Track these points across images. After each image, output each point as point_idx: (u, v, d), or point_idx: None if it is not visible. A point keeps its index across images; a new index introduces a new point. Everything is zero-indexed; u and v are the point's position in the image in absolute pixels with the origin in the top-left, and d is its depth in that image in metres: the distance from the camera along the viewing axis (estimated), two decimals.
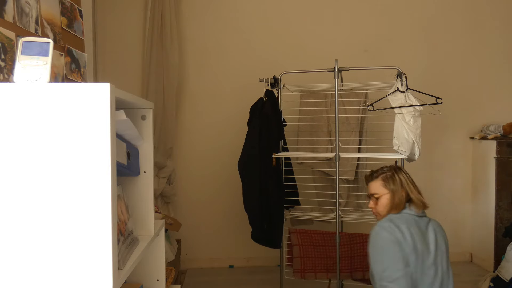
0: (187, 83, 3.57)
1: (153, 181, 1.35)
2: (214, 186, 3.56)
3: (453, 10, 3.63)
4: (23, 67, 0.88)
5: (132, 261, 1.06)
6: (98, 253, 0.84)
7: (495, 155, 3.24)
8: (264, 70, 3.02)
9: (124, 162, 1.15)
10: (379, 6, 3.59)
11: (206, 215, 3.57)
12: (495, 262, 3.20)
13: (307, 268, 2.56)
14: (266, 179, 2.52)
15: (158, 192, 3.27)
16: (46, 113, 0.84)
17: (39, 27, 1.57)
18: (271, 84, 2.68)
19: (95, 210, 0.84)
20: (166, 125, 3.35)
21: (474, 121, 3.62)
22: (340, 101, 2.77)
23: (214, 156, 3.55)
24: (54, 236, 0.84)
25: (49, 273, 0.84)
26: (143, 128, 1.34)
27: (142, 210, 1.33)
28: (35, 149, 0.84)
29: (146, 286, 1.47)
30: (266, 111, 2.57)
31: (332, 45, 3.54)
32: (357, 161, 2.87)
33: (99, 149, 0.84)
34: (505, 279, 2.71)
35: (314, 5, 3.60)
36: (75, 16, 1.89)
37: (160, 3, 3.33)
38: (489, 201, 3.32)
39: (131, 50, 3.51)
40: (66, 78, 1.73)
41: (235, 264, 3.58)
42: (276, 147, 2.63)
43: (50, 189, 0.84)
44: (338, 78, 2.42)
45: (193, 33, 3.57)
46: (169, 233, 3.02)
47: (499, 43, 3.64)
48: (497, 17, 3.64)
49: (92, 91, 0.84)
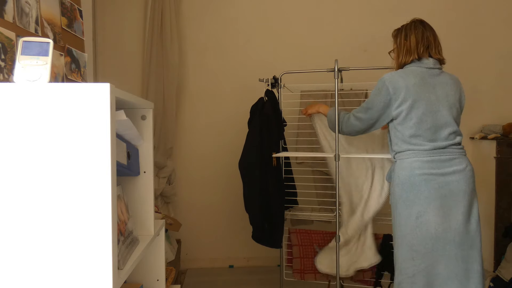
0: (187, 83, 3.57)
1: (153, 181, 1.35)
2: (214, 186, 3.56)
3: (453, 10, 3.63)
4: (23, 67, 0.88)
5: (132, 261, 1.06)
6: (98, 253, 0.84)
7: (495, 155, 3.24)
8: (264, 70, 3.02)
9: (124, 162, 1.15)
10: (379, 6, 3.59)
11: (206, 215, 3.57)
12: (495, 262, 3.20)
13: (307, 269, 2.56)
14: (267, 179, 2.52)
15: (158, 192, 3.27)
16: (46, 113, 0.84)
17: (39, 27, 1.57)
18: (271, 84, 2.68)
19: (95, 210, 0.84)
20: (166, 125, 3.35)
21: (474, 121, 3.62)
22: (340, 101, 2.77)
23: (214, 156, 3.55)
24: (54, 236, 0.84)
25: (49, 273, 0.84)
26: (143, 128, 1.34)
27: (142, 210, 1.33)
28: (35, 149, 0.84)
29: (146, 286, 1.47)
30: (266, 111, 2.57)
31: (332, 45, 3.54)
32: None
33: (99, 149, 0.84)
34: (505, 279, 2.71)
35: (314, 5, 3.60)
36: (75, 16, 1.89)
37: (160, 3, 3.33)
38: (489, 201, 3.32)
39: (131, 50, 3.51)
40: (66, 78, 1.73)
41: (235, 264, 3.58)
42: (277, 147, 2.63)
43: (50, 189, 0.84)
44: (338, 78, 2.42)
45: (193, 33, 3.57)
46: (169, 233, 3.02)
47: (499, 43, 3.64)
48: (497, 17, 3.64)
49: (92, 91, 0.84)
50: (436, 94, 1.93)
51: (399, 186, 1.92)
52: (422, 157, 1.88)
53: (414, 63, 1.98)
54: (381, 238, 2.48)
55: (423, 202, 1.85)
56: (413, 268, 1.86)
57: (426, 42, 1.97)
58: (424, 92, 1.91)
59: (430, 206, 1.84)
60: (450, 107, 1.93)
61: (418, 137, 1.90)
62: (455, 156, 1.89)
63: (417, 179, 1.87)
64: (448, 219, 1.84)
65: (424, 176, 1.86)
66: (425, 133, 1.90)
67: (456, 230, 1.83)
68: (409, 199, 1.88)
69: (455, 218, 1.84)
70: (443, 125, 1.91)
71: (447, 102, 1.93)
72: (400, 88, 1.91)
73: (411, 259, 1.87)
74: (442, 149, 1.89)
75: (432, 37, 1.99)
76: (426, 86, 1.93)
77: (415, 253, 1.86)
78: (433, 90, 1.93)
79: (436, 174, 1.86)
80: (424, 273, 1.85)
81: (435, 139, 1.90)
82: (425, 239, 1.84)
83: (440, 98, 1.92)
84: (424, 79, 1.94)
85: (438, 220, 1.83)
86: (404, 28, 2.06)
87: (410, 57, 1.98)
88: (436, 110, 1.91)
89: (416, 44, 1.97)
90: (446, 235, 1.83)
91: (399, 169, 1.94)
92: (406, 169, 1.90)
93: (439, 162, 1.87)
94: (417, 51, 1.97)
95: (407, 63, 2.00)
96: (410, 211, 1.87)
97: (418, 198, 1.86)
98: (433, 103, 1.91)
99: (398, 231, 1.93)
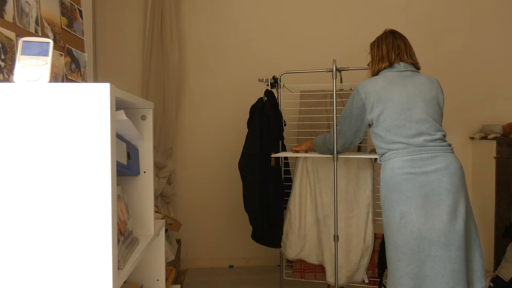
0: (187, 83, 3.57)
1: (153, 181, 1.35)
2: (214, 186, 3.56)
3: (452, 9, 3.63)
4: (23, 67, 0.88)
5: (132, 261, 1.06)
6: (98, 253, 0.84)
7: (495, 155, 3.24)
8: (264, 70, 3.02)
9: (124, 162, 1.15)
10: (378, 6, 3.60)
11: (206, 215, 3.57)
12: (495, 262, 3.20)
13: (307, 268, 2.57)
14: (267, 179, 2.52)
15: (158, 192, 3.27)
16: (46, 113, 0.84)
17: (39, 27, 1.57)
18: (271, 84, 2.68)
19: (95, 210, 0.84)
20: (166, 125, 3.35)
21: (474, 121, 3.62)
22: (339, 101, 2.77)
23: (214, 156, 3.55)
24: (54, 236, 0.84)
25: (49, 273, 0.84)
26: (143, 128, 1.34)
27: (142, 210, 1.33)
28: (35, 149, 0.84)
29: (146, 286, 1.47)
30: (266, 111, 2.57)
31: (332, 45, 3.54)
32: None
33: (99, 149, 0.84)
34: (505, 279, 2.72)
35: (313, 5, 3.60)
36: (75, 16, 1.89)
37: (160, 3, 3.33)
38: (489, 201, 3.32)
39: (131, 50, 3.51)
40: (66, 78, 1.73)
41: (235, 264, 3.58)
42: (276, 147, 2.64)
43: (50, 189, 0.84)
44: (336, 78, 2.42)
45: (193, 33, 3.57)
46: (169, 233, 3.02)
47: (499, 43, 3.64)
48: (497, 17, 3.64)
49: (92, 91, 0.84)
50: (408, 93, 1.94)
51: (384, 187, 1.93)
52: (402, 156, 1.89)
53: (386, 69, 2.06)
54: (381, 238, 2.48)
55: (406, 202, 1.84)
56: (400, 269, 1.84)
57: (397, 49, 2.05)
58: (394, 93, 1.94)
59: (412, 206, 1.82)
60: (425, 104, 1.93)
61: (395, 136, 1.91)
62: (437, 153, 1.87)
63: (398, 179, 1.87)
64: (431, 219, 1.81)
65: (404, 175, 1.86)
66: (400, 132, 1.90)
67: (440, 230, 1.80)
68: (392, 200, 1.88)
69: (439, 217, 1.81)
70: (419, 121, 1.90)
71: (421, 99, 1.93)
72: (370, 92, 1.97)
73: (397, 261, 1.85)
74: (422, 147, 1.88)
75: (403, 44, 2.07)
76: (395, 86, 1.96)
77: (401, 254, 1.84)
78: (404, 89, 1.94)
79: (416, 173, 1.85)
80: (411, 275, 1.82)
81: (412, 137, 1.89)
82: (410, 239, 1.82)
83: (412, 96, 1.93)
84: (394, 80, 1.98)
85: (421, 220, 1.81)
86: (377, 40, 2.15)
87: (383, 64, 2.06)
88: (408, 107, 1.91)
89: (387, 52, 2.06)
90: (430, 235, 1.80)
91: (383, 170, 1.95)
92: (388, 170, 1.91)
93: (420, 161, 1.86)
94: (388, 58, 2.05)
95: (380, 70, 2.08)
96: (394, 211, 1.87)
97: (401, 198, 1.85)
98: (405, 101, 1.92)
99: (386, 232, 1.93)
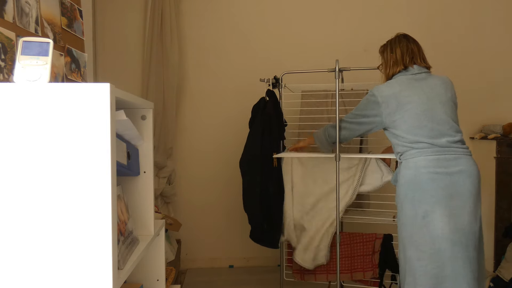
0: (187, 83, 3.57)
1: (153, 181, 1.35)
2: (214, 186, 3.56)
3: (453, 10, 3.63)
4: (23, 67, 0.88)
5: (132, 261, 1.06)
6: (98, 253, 0.84)
7: (495, 155, 3.24)
8: (265, 70, 3.02)
9: (124, 162, 1.15)
10: (379, 5, 3.59)
11: (206, 215, 3.57)
12: (495, 262, 3.20)
13: (306, 269, 2.56)
14: (267, 179, 2.52)
15: (158, 192, 3.27)
16: (46, 113, 0.84)
17: (39, 27, 1.57)
18: (272, 84, 2.68)
19: (95, 210, 0.84)
20: (166, 125, 3.35)
21: (474, 121, 3.62)
22: (341, 101, 2.77)
23: (214, 156, 3.55)
24: (54, 236, 0.84)
25: (49, 273, 0.84)
26: (143, 128, 1.34)
27: (142, 210, 1.33)
28: (35, 149, 0.84)
29: (146, 286, 1.47)
30: (268, 110, 2.57)
31: (333, 45, 3.53)
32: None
33: (99, 149, 0.84)
34: (505, 279, 2.71)
35: (314, 5, 3.60)
36: (75, 16, 1.89)
37: (160, 3, 3.33)
38: (489, 201, 3.32)
39: (131, 50, 3.51)
40: (66, 78, 1.73)
41: (235, 264, 3.58)
42: (277, 147, 2.63)
43: (50, 189, 0.84)
44: (339, 78, 2.42)
45: (193, 32, 3.56)
46: (169, 233, 3.02)
47: (499, 43, 3.64)
48: (497, 17, 3.64)
49: (92, 91, 0.84)
50: (426, 94, 1.94)
51: (405, 185, 1.91)
52: (427, 155, 1.87)
53: (400, 73, 2.06)
54: (381, 238, 2.47)
55: (430, 201, 1.83)
56: (420, 269, 1.84)
57: (411, 53, 2.07)
58: (412, 95, 1.95)
59: (436, 205, 1.82)
60: (443, 105, 1.94)
61: (417, 137, 1.90)
62: (459, 155, 1.88)
63: (423, 178, 1.86)
64: (454, 220, 1.81)
65: (430, 174, 1.85)
66: (422, 132, 1.90)
67: (462, 231, 1.81)
68: (415, 198, 1.87)
69: (461, 219, 1.82)
70: (440, 122, 1.91)
71: (439, 101, 1.94)
72: (388, 96, 1.97)
73: (417, 260, 1.85)
74: (446, 147, 1.88)
75: (416, 48, 2.09)
76: (413, 89, 1.96)
77: (421, 253, 1.84)
78: (422, 91, 1.95)
79: (442, 173, 1.84)
80: (430, 275, 1.82)
81: (435, 137, 1.89)
82: (432, 239, 1.82)
83: (431, 98, 1.94)
84: (411, 83, 1.99)
85: (444, 220, 1.81)
86: (390, 43, 2.15)
87: (397, 68, 2.06)
88: (429, 108, 1.92)
89: (402, 55, 2.07)
90: (453, 236, 1.81)
91: (405, 168, 1.93)
92: (412, 168, 1.89)
93: (445, 161, 1.86)
94: (403, 61, 2.06)
95: (394, 73, 2.08)
96: (417, 210, 1.86)
97: (424, 197, 1.84)
98: (425, 103, 1.93)
99: (404, 231, 1.91)
